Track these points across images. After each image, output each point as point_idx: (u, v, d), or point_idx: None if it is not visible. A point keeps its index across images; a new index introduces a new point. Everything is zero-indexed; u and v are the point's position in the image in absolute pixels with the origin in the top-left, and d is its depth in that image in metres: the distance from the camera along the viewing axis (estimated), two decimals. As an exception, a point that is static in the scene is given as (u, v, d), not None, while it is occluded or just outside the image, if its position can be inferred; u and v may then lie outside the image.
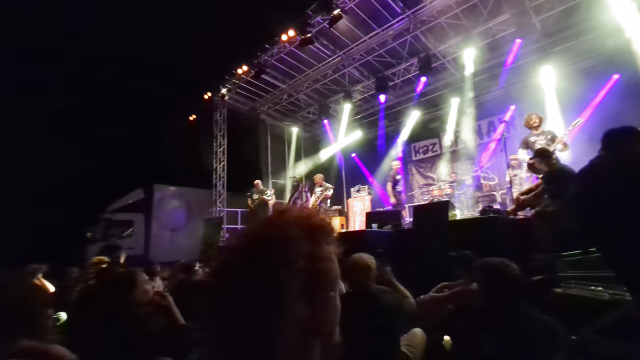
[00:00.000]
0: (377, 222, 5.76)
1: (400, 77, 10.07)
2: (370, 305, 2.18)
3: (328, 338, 0.63)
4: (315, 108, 11.95)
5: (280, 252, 0.58)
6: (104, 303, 1.92)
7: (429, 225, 4.69)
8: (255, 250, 0.59)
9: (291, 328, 0.55)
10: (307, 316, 0.57)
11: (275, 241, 0.60)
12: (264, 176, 11.83)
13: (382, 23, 8.34)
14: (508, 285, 1.58)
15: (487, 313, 1.59)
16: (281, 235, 0.61)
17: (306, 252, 0.61)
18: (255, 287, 0.56)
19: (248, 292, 0.56)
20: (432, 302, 2.69)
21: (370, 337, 2.02)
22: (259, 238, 0.61)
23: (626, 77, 7.16)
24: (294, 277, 0.57)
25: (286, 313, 0.55)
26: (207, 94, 10.90)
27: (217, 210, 10.71)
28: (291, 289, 0.57)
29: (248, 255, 0.59)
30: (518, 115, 8.99)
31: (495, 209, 5.28)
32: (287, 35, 8.39)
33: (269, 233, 0.61)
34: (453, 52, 8.98)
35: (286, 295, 0.56)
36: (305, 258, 0.60)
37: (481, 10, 7.73)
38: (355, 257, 2.35)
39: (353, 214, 10.61)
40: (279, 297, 0.56)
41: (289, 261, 0.58)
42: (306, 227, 0.63)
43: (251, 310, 0.55)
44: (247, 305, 0.55)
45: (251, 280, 0.56)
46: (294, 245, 0.60)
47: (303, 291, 0.58)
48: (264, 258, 0.57)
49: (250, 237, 0.63)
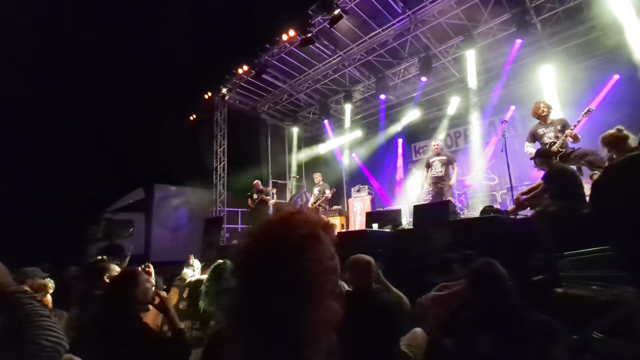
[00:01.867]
0: (378, 222, 5.76)
1: (401, 77, 10.07)
2: (371, 305, 2.18)
3: (334, 331, 0.65)
4: (315, 108, 11.96)
5: (315, 252, 0.61)
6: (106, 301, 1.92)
7: (430, 226, 4.68)
8: (290, 250, 0.60)
9: (318, 323, 0.58)
10: (337, 313, 0.62)
11: (309, 242, 0.62)
12: (264, 176, 11.84)
13: (383, 23, 8.34)
14: (492, 285, 1.58)
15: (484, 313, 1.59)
16: (313, 236, 0.63)
17: (332, 250, 0.65)
18: (290, 286, 0.57)
19: (282, 291, 0.57)
20: (433, 301, 2.69)
21: (370, 337, 2.03)
22: (291, 239, 0.61)
23: (626, 78, 7.15)
24: (329, 276, 0.61)
25: (322, 310, 0.58)
26: (207, 93, 10.92)
27: (217, 210, 10.72)
28: (325, 287, 0.60)
29: (281, 256, 0.59)
30: (519, 116, 8.99)
31: (496, 209, 5.24)
32: (287, 35, 8.40)
33: (301, 234, 0.62)
34: (454, 52, 8.98)
35: (322, 294, 0.59)
36: (332, 258, 0.64)
37: (482, 11, 7.73)
38: (355, 257, 2.35)
39: (353, 213, 10.61)
40: (316, 295, 0.58)
41: (323, 261, 0.62)
42: (325, 226, 0.67)
43: (285, 310, 0.56)
44: (281, 305, 0.56)
45: (286, 281, 0.57)
46: (324, 246, 0.64)
47: (332, 288, 0.62)
48: (300, 258, 0.59)
49: (280, 238, 0.63)
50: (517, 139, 8.51)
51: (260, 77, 9.97)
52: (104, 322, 1.88)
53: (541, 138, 5.05)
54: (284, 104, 11.91)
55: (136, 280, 2.02)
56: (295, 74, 10.39)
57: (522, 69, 8.70)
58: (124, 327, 1.85)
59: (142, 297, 2.04)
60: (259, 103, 11.87)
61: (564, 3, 7.24)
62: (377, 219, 5.97)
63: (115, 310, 1.90)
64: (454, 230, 4.34)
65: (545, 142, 4.94)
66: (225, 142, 11.21)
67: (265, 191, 9.30)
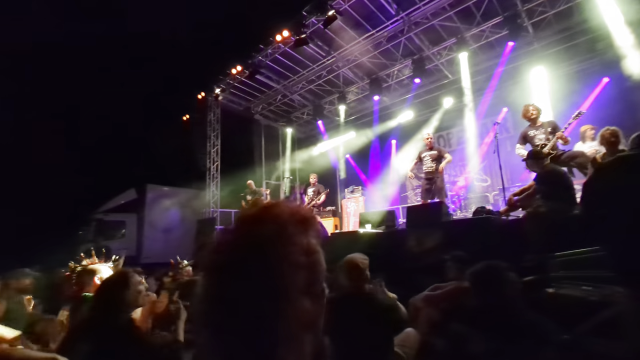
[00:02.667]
0: (371, 223, 5.77)
1: (395, 78, 10.12)
2: (364, 305, 2.18)
3: (318, 331, 0.63)
4: (309, 109, 11.95)
5: (281, 248, 0.58)
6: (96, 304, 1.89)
7: (423, 227, 4.70)
8: (256, 247, 0.58)
9: (292, 323, 0.55)
10: (306, 310, 0.58)
11: (275, 237, 0.59)
12: (257, 177, 11.80)
13: (377, 24, 8.37)
14: (500, 288, 1.59)
15: (479, 313, 1.60)
16: (281, 231, 0.60)
17: (304, 246, 0.61)
18: (258, 284, 0.55)
19: (249, 290, 0.55)
20: (426, 301, 2.70)
21: (364, 338, 2.02)
22: (258, 234, 0.60)
23: (615, 81, 7.28)
24: (297, 272, 0.58)
25: (291, 309, 0.55)
26: (200, 93, 10.86)
27: (210, 211, 10.66)
28: (295, 284, 0.57)
29: (248, 252, 0.58)
30: (511, 118, 9.09)
31: (488, 210, 5.30)
32: (281, 35, 8.39)
33: (268, 229, 0.60)
34: (447, 54, 9.05)
35: (291, 292, 0.56)
36: (304, 253, 0.60)
37: (474, 13, 7.80)
38: (348, 257, 2.35)
39: (347, 214, 10.62)
40: (283, 293, 0.55)
41: (291, 257, 0.58)
42: (299, 220, 0.63)
43: (254, 309, 0.54)
44: (249, 304, 0.54)
45: (254, 277, 0.55)
46: (294, 241, 0.60)
47: (305, 286, 0.58)
48: (267, 255, 0.57)
49: (248, 234, 0.61)
50: (510, 140, 8.60)
51: (254, 78, 9.94)
52: (94, 324, 1.85)
53: (532, 140, 5.12)
54: (277, 105, 11.89)
55: (127, 283, 1.99)
56: (289, 75, 10.38)
57: (514, 72, 8.80)
58: (115, 330, 1.82)
59: (134, 300, 2.01)
60: (253, 103, 11.84)
61: (554, 7, 7.34)
62: (371, 219, 5.99)
63: (105, 313, 1.87)
64: (447, 231, 4.36)
65: (536, 144, 5.00)
66: (219, 143, 11.16)
67: (259, 192, 9.26)
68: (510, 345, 1.41)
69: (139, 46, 12.12)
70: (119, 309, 1.91)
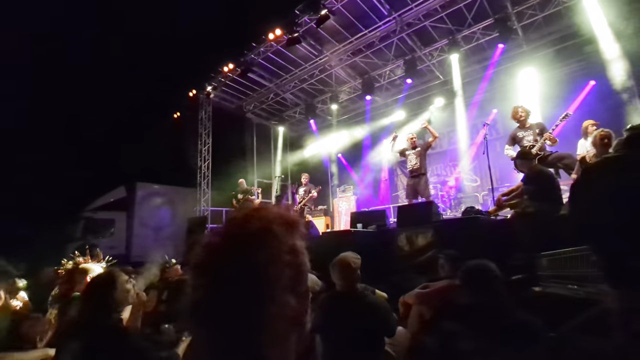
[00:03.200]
0: (362, 222, 5.79)
1: (386, 78, 10.17)
2: (356, 305, 2.19)
3: (303, 330, 0.65)
4: (301, 108, 11.93)
5: (267, 247, 0.60)
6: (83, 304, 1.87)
7: (413, 226, 4.75)
8: (241, 247, 0.59)
9: (278, 322, 0.57)
10: (291, 308, 0.59)
11: (261, 237, 0.61)
12: (249, 175, 11.75)
13: (369, 24, 8.40)
14: (491, 287, 1.62)
15: (470, 311, 1.63)
16: (266, 230, 0.62)
17: (290, 246, 0.62)
18: (244, 283, 0.56)
19: (236, 290, 0.56)
20: (416, 299, 2.73)
21: (356, 336, 2.04)
22: (244, 235, 0.61)
23: (601, 84, 7.45)
24: (282, 271, 0.59)
25: (275, 307, 0.56)
26: (192, 91, 10.75)
27: (201, 209, 10.58)
28: (280, 283, 0.58)
29: (234, 252, 0.59)
30: (500, 119, 9.22)
31: (477, 210, 5.37)
32: (274, 34, 8.35)
33: (253, 229, 0.62)
34: (438, 55, 9.13)
35: (276, 290, 0.57)
36: (289, 252, 0.62)
37: (465, 15, 7.88)
38: (341, 256, 2.35)
39: (338, 214, 10.65)
40: (269, 292, 0.57)
41: (277, 256, 0.59)
42: (285, 222, 0.65)
43: (241, 308, 0.55)
44: (236, 303, 0.55)
45: (240, 277, 0.56)
46: (279, 240, 0.61)
47: (290, 284, 0.60)
48: (252, 254, 0.58)
49: (234, 234, 0.62)
50: (499, 141, 8.72)
51: (246, 76, 9.88)
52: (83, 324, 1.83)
53: (520, 141, 5.21)
54: (269, 103, 11.84)
55: (114, 282, 1.97)
56: (281, 73, 10.35)
57: (504, 74, 8.93)
58: (103, 330, 1.80)
59: (122, 299, 1.99)
60: (245, 102, 11.77)
61: (544, 10, 7.47)
62: (362, 219, 6.01)
63: (93, 313, 1.85)
64: (437, 231, 4.41)
65: (525, 145, 5.09)
66: (210, 141, 11.07)
67: (250, 191, 9.22)
68: (499, 343, 1.44)
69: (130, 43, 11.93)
70: (107, 309, 1.89)
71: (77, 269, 2.45)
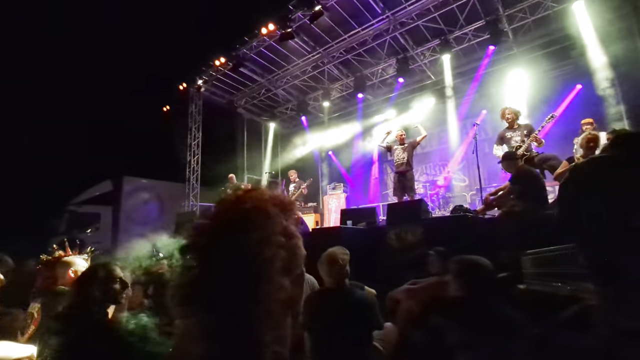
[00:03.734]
0: (352, 220, 5.81)
1: (379, 77, 10.21)
2: (345, 300, 2.20)
3: (297, 315, 0.65)
4: (293, 104, 11.88)
5: (261, 227, 0.59)
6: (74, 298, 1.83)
7: (403, 223, 4.79)
8: (235, 226, 0.59)
9: (271, 301, 0.57)
10: (286, 290, 0.59)
11: (255, 216, 0.60)
12: (239, 171, 11.67)
13: (363, 22, 8.40)
14: (483, 282, 1.65)
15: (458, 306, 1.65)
16: (260, 210, 0.61)
17: (284, 227, 0.62)
18: (238, 263, 0.56)
19: (231, 269, 0.55)
20: (405, 294, 2.75)
21: (343, 332, 2.05)
22: (237, 214, 0.61)
23: (587, 88, 7.62)
24: (277, 251, 0.59)
25: (270, 287, 0.57)
26: (182, 84, 10.59)
27: (190, 205, 10.46)
28: (274, 264, 0.58)
29: (228, 232, 0.58)
30: (490, 119, 9.34)
31: (465, 209, 5.45)
32: (267, 28, 8.28)
33: (247, 208, 0.61)
34: (430, 55, 9.20)
35: (270, 271, 0.57)
36: (283, 234, 0.62)
37: (458, 16, 7.95)
38: (329, 251, 2.35)
39: (328, 211, 10.66)
40: (263, 272, 0.57)
41: (270, 236, 0.59)
42: (280, 203, 0.65)
43: (235, 287, 0.55)
44: (230, 282, 0.55)
45: (234, 257, 0.56)
46: (273, 220, 0.61)
47: (284, 266, 0.60)
48: (246, 233, 0.58)
49: (227, 214, 0.62)
50: (488, 142, 8.83)
51: (238, 70, 9.79)
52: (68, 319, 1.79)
53: (509, 142, 5.30)
54: (261, 99, 11.76)
55: (104, 277, 1.93)
56: (273, 69, 10.28)
57: (494, 75, 9.03)
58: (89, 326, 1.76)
59: (115, 295, 1.95)
60: (236, 97, 11.65)
61: (534, 13, 7.59)
62: (352, 216, 6.02)
63: (82, 308, 1.80)
64: (426, 229, 4.46)
65: (512, 145, 5.18)
66: (200, 135, 10.94)
67: (240, 187, 9.15)
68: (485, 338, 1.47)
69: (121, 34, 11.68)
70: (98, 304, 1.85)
71: (60, 262, 2.39)
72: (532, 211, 3.66)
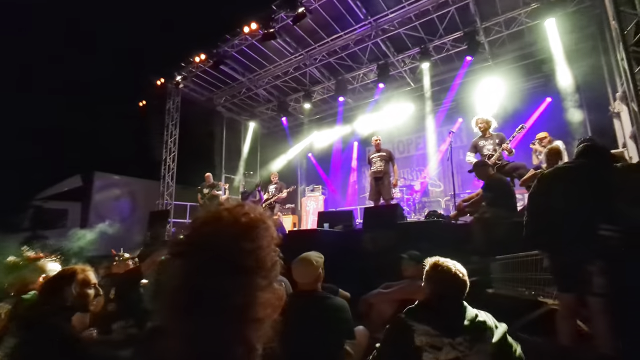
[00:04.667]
0: (329, 222, 5.83)
1: (360, 81, 10.31)
2: (317, 304, 2.19)
3: (276, 317, 0.68)
4: (274, 105, 11.80)
5: (263, 237, 0.66)
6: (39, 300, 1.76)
7: (379, 227, 4.85)
8: (240, 233, 0.64)
9: (265, 306, 0.62)
10: (278, 295, 0.66)
11: (257, 227, 0.66)
12: (217, 170, 11.47)
13: (345, 27, 8.48)
14: (458, 286, 1.69)
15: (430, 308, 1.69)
16: (261, 222, 0.67)
17: (276, 241, 0.69)
18: (239, 269, 0.60)
19: (229, 274, 0.60)
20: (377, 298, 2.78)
21: (314, 336, 2.04)
22: (241, 223, 0.65)
23: (556, 102, 8.04)
24: (274, 260, 0.67)
25: (268, 293, 0.63)
26: (160, 79, 10.29)
27: (164, 203, 10.18)
28: (273, 270, 0.66)
29: (231, 238, 0.63)
30: (465, 128, 9.64)
31: (439, 214, 5.59)
32: (249, 27, 8.19)
33: (250, 219, 0.67)
34: (410, 62, 9.39)
35: (270, 277, 0.65)
36: (275, 245, 0.68)
37: (438, 26, 8.17)
38: (303, 255, 2.34)
39: (306, 213, 10.67)
40: (265, 277, 0.63)
41: (269, 245, 0.66)
42: (272, 220, 0.72)
43: (237, 291, 0.59)
44: (229, 285, 0.59)
45: (235, 263, 0.61)
46: (270, 233, 0.68)
47: (277, 273, 0.67)
48: (251, 240, 0.64)
49: (228, 223, 0.65)
50: (462, 149, 9.10)
51: (218, 68, 9.64)
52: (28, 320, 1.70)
53: (481, 150, 5.50)
54: (241, 98, 11.62)
55: (71, 282, 1.84)
56: (255, 68, 10.19)
57: (470, 85, 9.32)
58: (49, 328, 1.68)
59: (78, 301, 1.86)
60: (216, 94, 11.47)
61: (509, 28, 7.90)
62: (329, 219, 6.05)
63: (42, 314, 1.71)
64: (401, 232, 4.54)
65: (485, 153, 5.37)
66: (177, 133, 10.67)
67: (217, 186, 9.01)
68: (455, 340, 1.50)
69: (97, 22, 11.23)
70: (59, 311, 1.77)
71: (32, 265, 2.30)
72: (502, 218, 3.80)
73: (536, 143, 5.77)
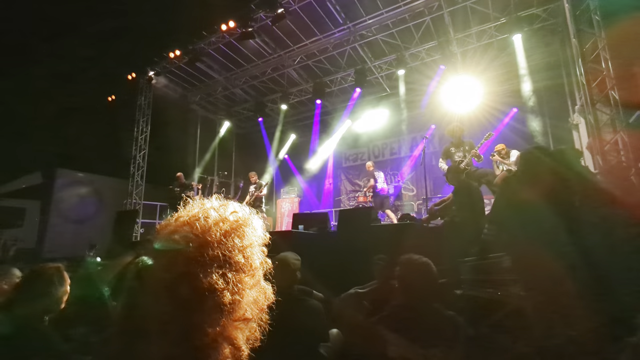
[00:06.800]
0: (304, 224, 5.82)
1: (337, 85, 10.40)
2: (292, 306, 2.18)
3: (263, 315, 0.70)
4: (251, 104, 11.67)
5: (249, 236, 0.67)
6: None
7: (353, 229, 4.90)
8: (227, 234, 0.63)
9: (255, 305, 0.65)
10: (267, 296, 0.70)
11: (243, 227, 0.67)
12: (190, 169, 11.17)
13: (324, 30, 8.54)
14: (427, 285, 1.73)
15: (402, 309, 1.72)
16: (247, 221, 0.69)
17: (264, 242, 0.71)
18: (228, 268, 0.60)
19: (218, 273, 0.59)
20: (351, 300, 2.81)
21: (288, 337, 2.03)
22: (225, 224, 0.65)
23: (521, 111, 8.50)
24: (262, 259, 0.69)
25: (256, 292, 0.66)
26: (131, 74, 9.91)
27: (132, 202, 9.78)
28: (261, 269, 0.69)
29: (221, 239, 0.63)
30: (438, 134, 9.96)
31: (412, 217, 5.73)
32: (227, 25, 8.07)
33: (235, 219, 0.67)
34: (387, 68, 9.58)
35: (259, 275, 0.69)
36: None
37: (414, 35, 8.40)
38: (280, 256, 2.33)
39: (281, 214, 10.62)
40: (254, 276, 0.66)
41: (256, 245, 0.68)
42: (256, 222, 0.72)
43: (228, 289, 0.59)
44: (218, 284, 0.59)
45: (225, 263, 0.61)
46: (256, 235, 0.71)
47: None
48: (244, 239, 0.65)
49: (209, 225, 0.64)
50: (435, 155, 9.39)
51: (194, 65, 9.43)
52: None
53: (452, 156, 5.71)
54: (217, 97, 11.40)
55: (51, 284, 1.75)
56: (232, 67, 10.04)
57: (443, 93, 9.63)
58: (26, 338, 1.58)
59: (55, 304, 1.77)
60: (190, 92, 11.20)
61: (480, 40, 8.25)
62: (304, 221, 6.04)
63: (18, 319, 1.61)
64: (374, 235, 4.60)
65: (455, 160, 5.57)
66: (148, 130, 10.29)
67: (189, 186, 8.78)
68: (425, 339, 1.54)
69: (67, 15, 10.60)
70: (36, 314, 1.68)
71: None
72: (470, 222, 3.94)
73: (495, 154, 6.07)
